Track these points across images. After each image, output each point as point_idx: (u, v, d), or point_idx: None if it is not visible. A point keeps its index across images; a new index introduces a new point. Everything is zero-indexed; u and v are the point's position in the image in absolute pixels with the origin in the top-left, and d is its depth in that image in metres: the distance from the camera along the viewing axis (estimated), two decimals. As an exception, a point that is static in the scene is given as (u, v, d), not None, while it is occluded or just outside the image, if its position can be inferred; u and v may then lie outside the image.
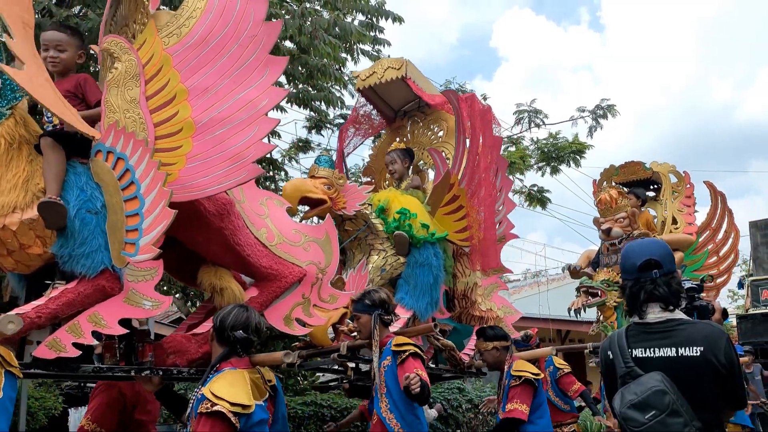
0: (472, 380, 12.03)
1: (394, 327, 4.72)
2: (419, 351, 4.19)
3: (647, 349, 2.77)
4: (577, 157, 13.52)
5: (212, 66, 3.49)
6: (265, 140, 3.61)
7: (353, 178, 8.68)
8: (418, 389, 3.82)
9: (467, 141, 5.74)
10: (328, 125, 10.72)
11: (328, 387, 6.24)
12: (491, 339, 5.26)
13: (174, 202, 3.33)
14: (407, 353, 4.10)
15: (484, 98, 13.64)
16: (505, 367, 5.16)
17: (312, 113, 10.32)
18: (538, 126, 13.56)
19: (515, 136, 13.68)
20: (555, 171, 13.72)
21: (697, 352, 2.66)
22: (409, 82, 5.96)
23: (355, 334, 4.59)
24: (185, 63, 3.50)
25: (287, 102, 9.53)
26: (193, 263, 4.04)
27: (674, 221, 8.16)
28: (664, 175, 8.49)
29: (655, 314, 2.82)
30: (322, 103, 9.56)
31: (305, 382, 11.61)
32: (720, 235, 8.81)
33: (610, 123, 20.25)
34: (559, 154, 13.53)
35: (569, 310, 7.93)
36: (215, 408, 2.98)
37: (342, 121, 9.82)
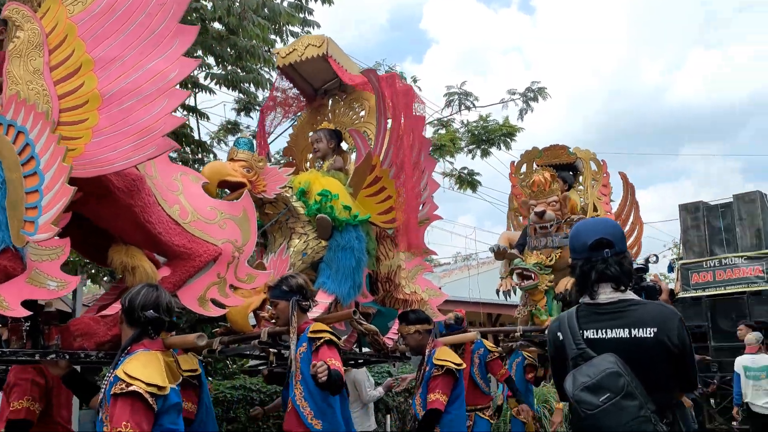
0: (399, 364, 12.04)
1: (315, 312, 4.66)
2: (335, 338, 4.14)
3: (599, 330, 2.73)
4: (508, 139, 13.55)
5: (119, 35, 3.30)
6: (177, 113, 3.48)
7: (282, 161, 8.57)
8: (325, 378, 3.78)
9: (389, 121, 5.68)
10: (257, 107, 10.58)
11: (257, 371, 6.15)
12: (413, 323, 5.27)
13: (79, 178, 3.17)
14: (322, 341, 4.05)
15: (414, 80, 13.63)
16: (427, 351, 5.17)
17: (241, 95, 10.21)
18: (468, 108, 13.53)
19: (445, 119, 13.68)
20: (485, 154, 13.73)
21: (650, 333, 2.64)
22: (331, 61, 5.82)
23: (274, 321, 4.51)
24: (91, 32, 3.31)
25: (216, 84, 9.42)
26: (99, 237, 3.87)
27: (594, 209, 8.25)
28: (586, 162, 8.57)
29: (606, 294, 2.78)
30: (251, 84, 9.49)
31: (234, 366, 11.47)
32: (627, 226, 8.96)
33: (540, 106, 20.44)
34: (490, 136, 13.54)
35: (498, 291, 8.00)
36: (131, 388, 2.89)
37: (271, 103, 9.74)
